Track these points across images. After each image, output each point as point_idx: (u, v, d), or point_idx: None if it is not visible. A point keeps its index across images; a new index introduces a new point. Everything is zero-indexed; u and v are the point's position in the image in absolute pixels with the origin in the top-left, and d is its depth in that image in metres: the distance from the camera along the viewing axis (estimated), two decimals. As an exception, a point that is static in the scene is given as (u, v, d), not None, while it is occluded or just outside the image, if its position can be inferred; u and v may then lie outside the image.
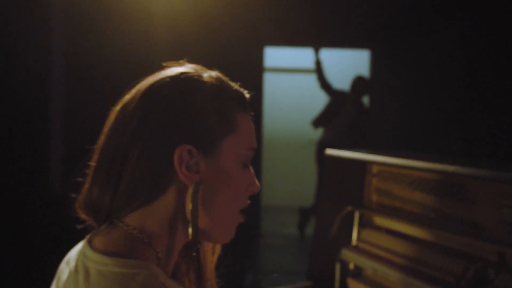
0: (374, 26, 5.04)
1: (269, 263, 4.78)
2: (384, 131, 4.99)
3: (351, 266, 1.54)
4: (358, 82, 4.81)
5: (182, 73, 0.79)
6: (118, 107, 0.80)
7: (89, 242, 0.78)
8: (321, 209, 1.64)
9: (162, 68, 0.82)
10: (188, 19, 4.03)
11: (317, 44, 4.88)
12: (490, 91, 4.17)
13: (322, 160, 4.35)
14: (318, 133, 5.10)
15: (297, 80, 7.06)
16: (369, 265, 1.43)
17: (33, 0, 3.00)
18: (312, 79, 5.16)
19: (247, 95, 0.84)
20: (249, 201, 0.83)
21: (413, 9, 4.74)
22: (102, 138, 0.79)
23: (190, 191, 0.76)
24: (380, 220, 1.51)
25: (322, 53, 4.94)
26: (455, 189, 1.27)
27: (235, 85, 0.83)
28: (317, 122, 4.99)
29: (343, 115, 4.77)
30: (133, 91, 0.80)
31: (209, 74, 0.81)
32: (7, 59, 2.95)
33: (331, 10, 5.01)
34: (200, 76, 0.79)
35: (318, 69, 4.82)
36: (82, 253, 0.77)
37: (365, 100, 5.12)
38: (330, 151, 1.59)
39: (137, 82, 0.81)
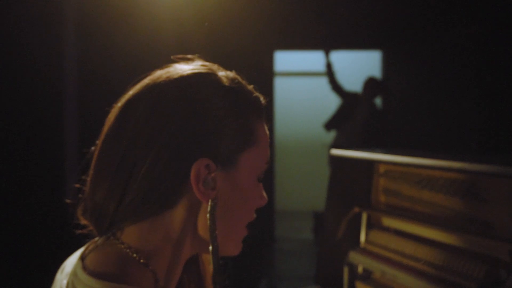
0: (385, 27, 4.99)
1: (283, 268, 4.73)
2: (396, 132, 4.93)
3: (360, 269, 1.50)
4: (370, 83, 4.75)
5: (199, 75, 0.72)
6: (121, 104, 0.72)
7: (82, 259, 0.72)
8: (328, 211, 1.60)
9: (172, 62, 0.75)
10: (197, 25, 4.03)
11: (327, 46, 4.84)
12: (503, 90, 4.10)
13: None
14: (331, 136, 5.05)
15: (308, 84, 7.03)
16: (377, 268, 1.39)
17: (45, 6, 3.02)
18: (324, 82, 5.12)
19: (263, 101, 0.77)
20: (255, 215, 0.78)
21: (424, 10, 4.69)
22: (103, 139, 0.72)
23: (204, 207, 0.70)
24: (388, 221, 1.47)
25: (333, 55, 4.91)
26: (465, 187, 1.22)
27: (252, 89, 0.76)
28: (329, 124, 4.95)
29: (355, 117, 4.71)
30: (139, 89, 0.72)
31: (226, 76, 0.74)
32: (19, 66, 2.97)
33: (341, 12, 4.97)
34: (219, 79, 0.73)
35: (329, 72, 4.78)
36: (73, 272, 0.72)
37: (378, 101, 5.06)
38: (335, 151, 1.55)
39: (141, 78, 0.74)
